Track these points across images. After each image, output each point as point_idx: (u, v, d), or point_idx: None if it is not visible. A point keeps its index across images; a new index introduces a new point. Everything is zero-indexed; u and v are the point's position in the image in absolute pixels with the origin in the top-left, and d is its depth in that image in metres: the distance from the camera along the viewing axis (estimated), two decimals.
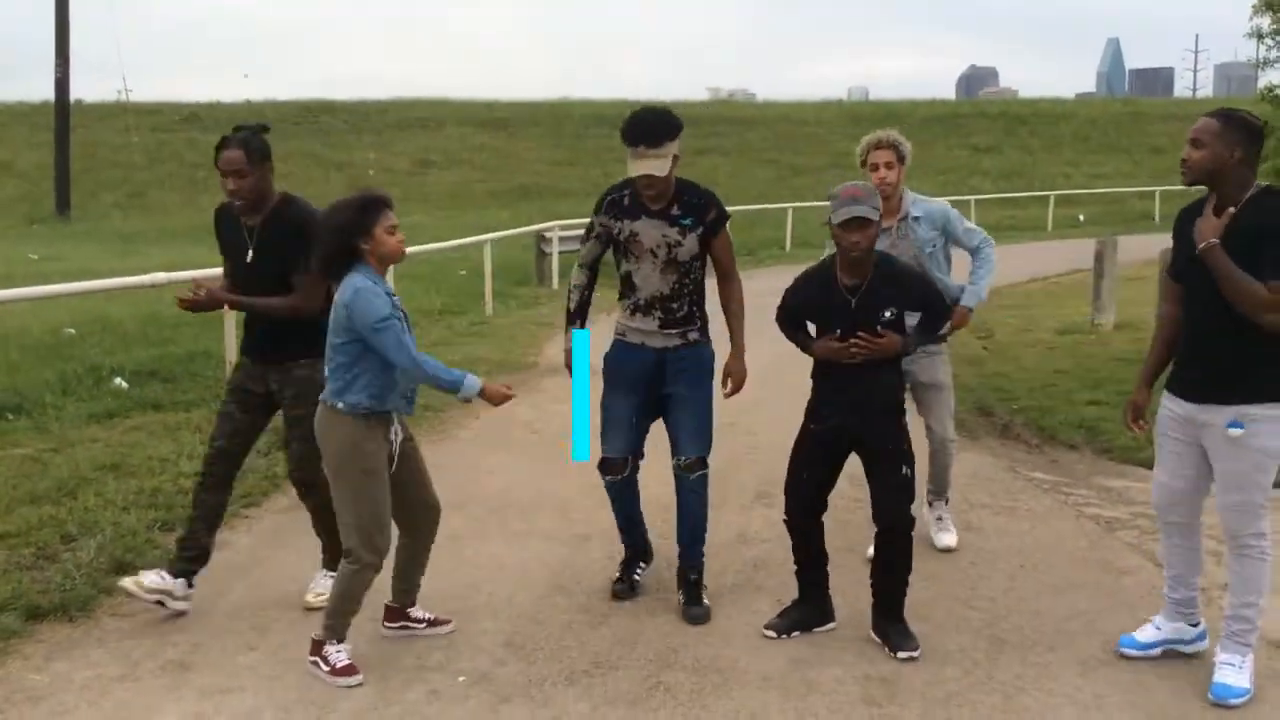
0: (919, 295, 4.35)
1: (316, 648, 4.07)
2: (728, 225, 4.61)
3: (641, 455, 4.75)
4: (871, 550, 4.55)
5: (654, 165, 4.34)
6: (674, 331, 4.58)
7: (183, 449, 6.88)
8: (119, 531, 5.40)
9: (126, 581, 4.53)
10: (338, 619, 4.07)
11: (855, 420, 4.26)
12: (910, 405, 5.34)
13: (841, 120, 43.36)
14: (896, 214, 5.18)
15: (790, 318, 4.46)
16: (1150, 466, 6.92)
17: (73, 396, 8.32)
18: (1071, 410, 8.28)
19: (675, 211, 4.50)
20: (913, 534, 4.31)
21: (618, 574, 4.86)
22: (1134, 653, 4.22)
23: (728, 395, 4.65)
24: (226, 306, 4.90)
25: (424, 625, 4.43)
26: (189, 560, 4.64)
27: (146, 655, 4.23)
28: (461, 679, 4.05)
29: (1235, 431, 3.79)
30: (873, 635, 4.35)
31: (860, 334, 4.16)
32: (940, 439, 5.37)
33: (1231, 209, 3.83)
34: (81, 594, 4.69)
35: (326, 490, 4.16)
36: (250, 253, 4.57)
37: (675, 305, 4.56)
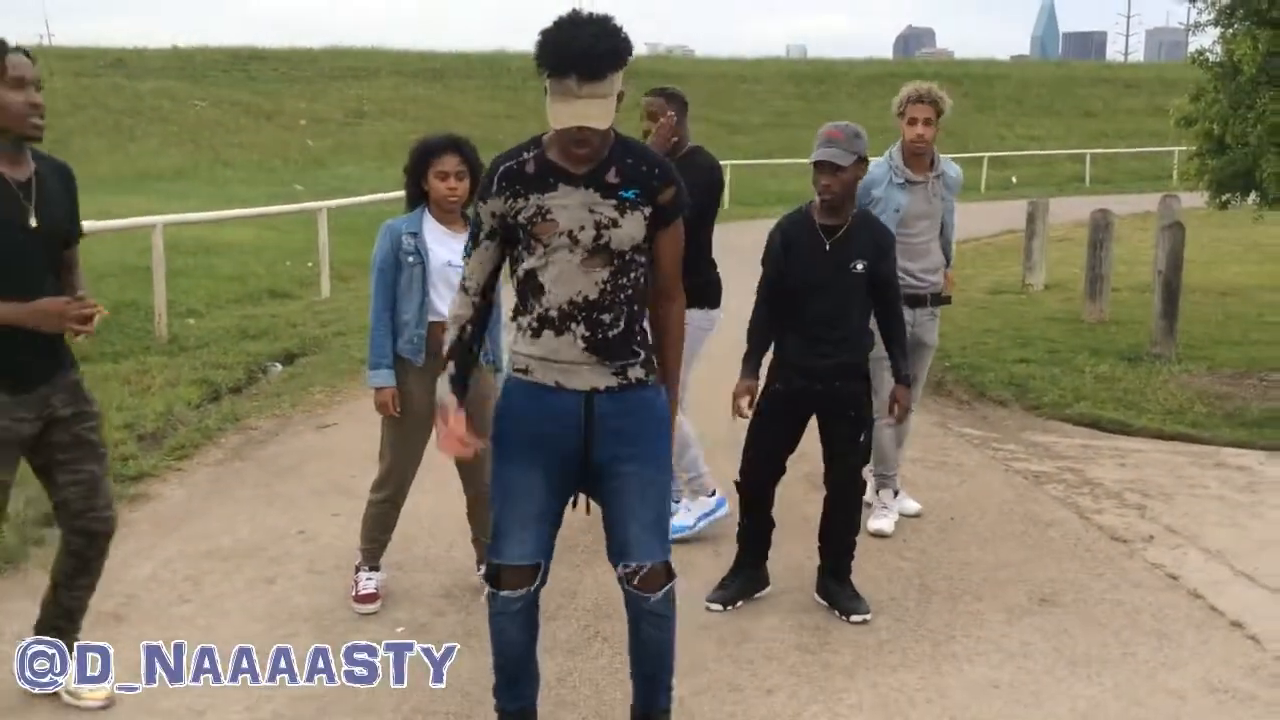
0: (886, 266, 4.20)
1: (354, 570, 4.34)
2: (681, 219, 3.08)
3: (551, 553, 3.15)
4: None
5: (594, 110, 2.82)
6: (608, 365, 3.00)
7: (111, 400, 6.76)
8: None
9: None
10: (367, 544, 4.32)
11: (820, 383, 4.16)
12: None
13: (779, 78, 43.37)
14: (931, 170, 5.01)
15: (771, 265, 4.23)
16: (1075, 423, 7.13)
17: None
18: (1001, 368, 8.44)
19: (611, 178, 2.96)
20: (863, 495, 4.34)
21: None
22: (685, 534, 4.83)
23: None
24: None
25: None
26: None
27: None
28: (400, 629, 4.06)
29: None
30: (817, 598, 4.32)
31: (894, 403, 4.32)
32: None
33: None
34: (8, 546, 4.61)
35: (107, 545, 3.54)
36: (33, 218, 3.20)
37: (606, 317, 2.97)
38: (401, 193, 4.30)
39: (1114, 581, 4.57)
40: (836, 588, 4.29)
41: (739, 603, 4.30)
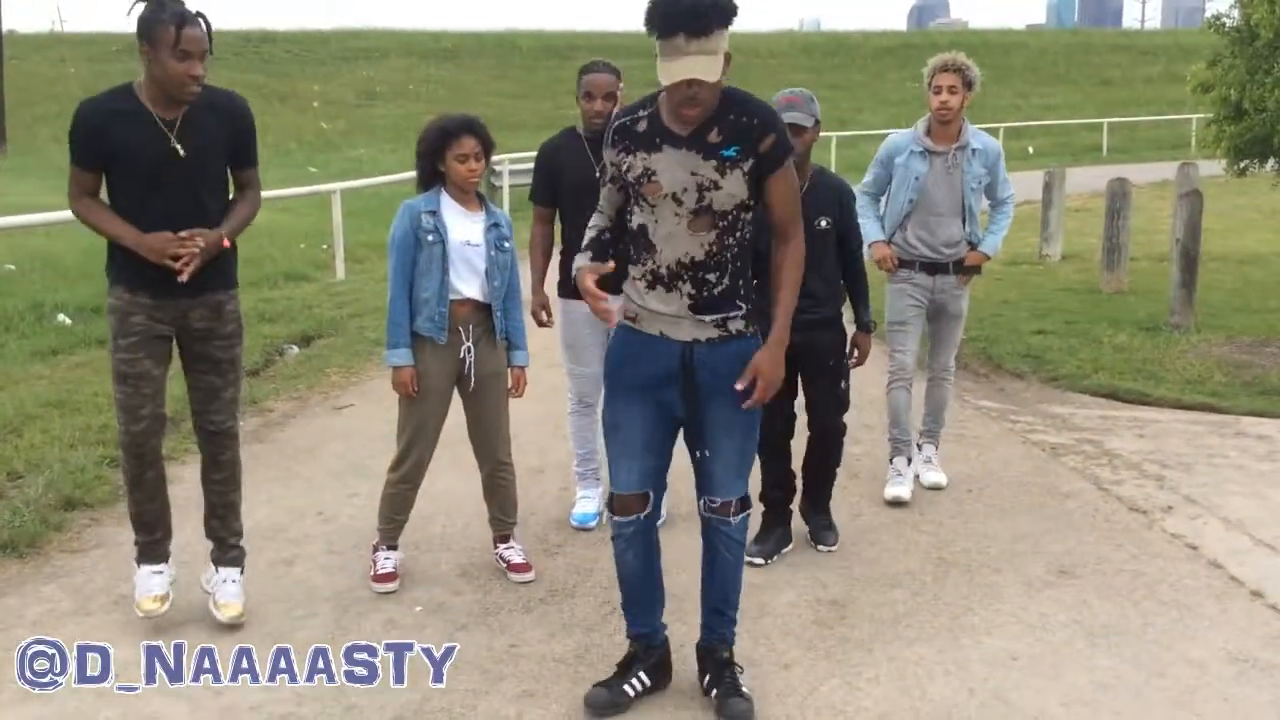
0: (848, 215, 4.50)
1: (372, 549, 4.35)
2: (790, 160, 3.22)
3: (664, 488, 3.53)
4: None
5: (702, 64, 2.93)
6: (709, 318, 3.21)
7: None
8: (67, 468, 5.34)
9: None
10: (384, 524, 4.33)
11: (796, 335, 4.26)
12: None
13: (794, 51, 43.16)
14: (955, 141, 5.00)
15: None
16: (1093, 394, 7.09)
17: (15, 334, 8.18)
18: (1018, 340, 8.41)
19: (714, 138, 3.11)
20: (843, 438, 4.62)
21: (618, 673, 3.45)
22: (591, 524, 4.81)
23: (745, 404, 3.23)
24: (225, 242, 3.74)
25: (506, 566, 4.37)
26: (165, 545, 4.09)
27: (99, 590, 4.21)
28: (418, 609, 4.08)
29: None
30: (796, 511, 4.67)
31: (854, 348, 4.56)
32: (943, 367, 5.35)
33: None
34: (31, 530, 4.65)
35: (236, 447, 4.06)
36: (178, 147, 3.58)
37: (712, 276, 3.18)
38: (411, 174, 4.29)
39: (1133, 552, 4.56)
40: (813, 514, 4.61)
41: (774, 556, 4.49)
